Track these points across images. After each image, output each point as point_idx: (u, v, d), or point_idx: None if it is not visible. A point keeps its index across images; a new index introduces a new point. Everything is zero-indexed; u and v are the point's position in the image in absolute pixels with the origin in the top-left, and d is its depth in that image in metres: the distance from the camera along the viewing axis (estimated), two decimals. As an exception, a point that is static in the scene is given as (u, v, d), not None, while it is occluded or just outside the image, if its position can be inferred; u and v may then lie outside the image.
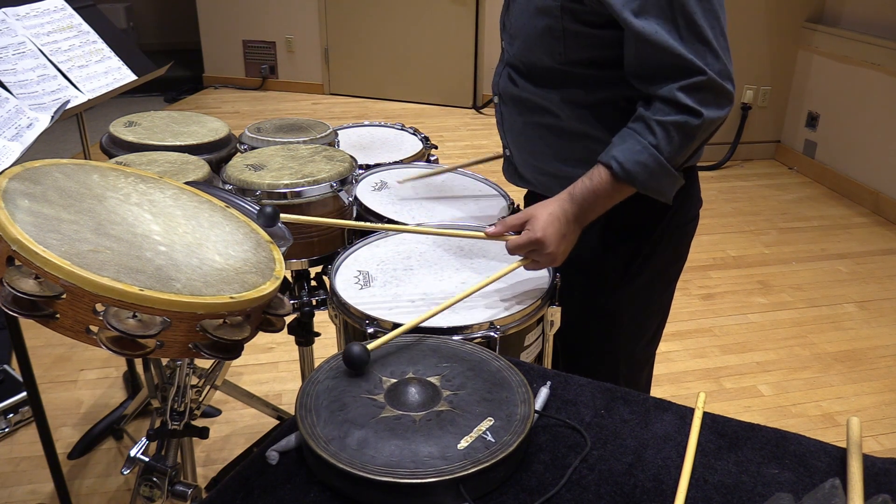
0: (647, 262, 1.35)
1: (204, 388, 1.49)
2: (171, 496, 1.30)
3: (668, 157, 1.14)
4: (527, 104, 1.31)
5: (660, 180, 1.16)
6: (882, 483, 0.83)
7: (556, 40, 1.20)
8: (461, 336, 1.10)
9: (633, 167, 1.14)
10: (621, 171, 1.15)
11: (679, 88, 1.10)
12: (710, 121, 1.13)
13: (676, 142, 1.13)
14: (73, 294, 0.76)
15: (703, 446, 0.89)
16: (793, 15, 4.30)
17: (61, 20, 1.81)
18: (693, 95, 1.10)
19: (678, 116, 1.11)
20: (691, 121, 1.11)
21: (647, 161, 1.14)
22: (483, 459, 0.79)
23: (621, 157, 1.15)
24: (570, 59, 1.21)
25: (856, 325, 2.88)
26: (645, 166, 1.14)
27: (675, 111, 1.12)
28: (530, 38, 1.24)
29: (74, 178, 0.97)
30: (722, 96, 1.13)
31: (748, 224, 3.75)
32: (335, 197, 1.44)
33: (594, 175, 1.17)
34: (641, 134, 1.14)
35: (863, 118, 4.00)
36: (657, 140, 1.13)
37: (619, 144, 1.16)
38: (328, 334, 1.56)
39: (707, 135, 1.17)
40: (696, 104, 1.11)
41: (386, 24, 5.47)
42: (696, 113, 1.11)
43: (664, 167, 1.15)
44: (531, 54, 1.25)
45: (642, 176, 1.15)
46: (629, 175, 1.14)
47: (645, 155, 1.13)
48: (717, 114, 1.12)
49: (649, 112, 1.14)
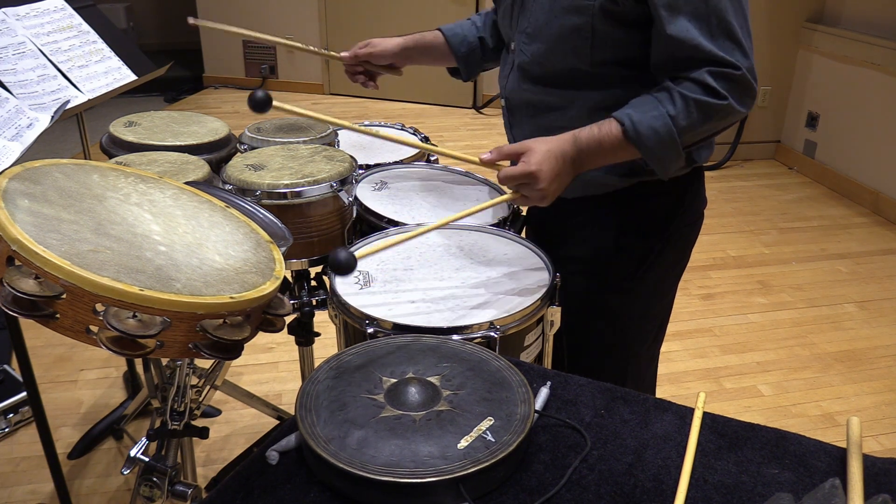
0: (657, 261, 1.35)
1: (204, 388, 1.49)
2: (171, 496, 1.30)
3: (680, 131, 1.13)
4: (538, 106, 1.30)
5: (666, 152, 1.15)
6: (882, 483, 0.83)
7: (584, 41, 1.19)
8: (461, 336, 1.10)
9: (645, 130, 1.13)
10: (633, 131, 1.14)
11: (710, 72, 1.11)
12: (732, 109, 1.13)
13: (695, 118, 1.13)
14: (73, 294, 0.76)
15: (703, 446, 0.89)
16: (793, 15, 4.30)
17: (61, 20, 1.81)
18: (721, 82, 1.11)
19: (703, 95, 1.12)
20: (715, 102, 1.12)
21: (660, 128, 1.13)
22: (483, 459, 0.79)
23: (636, 116, 1.14)
24: (597, 61, 1.21)
25: (856, 325, 2.88)
26: (656, 133, 1.13)
27: (701, 90, 1.12)
28: (554, 39, 1.22)
29: (74, 178, 0.97)
30: (748, 91, 1.13)
31: (748, 224, 3.75)
32: (335, 197, 1.44)
33: (603, 126, 1.16)
34: (662, 101, 1.13)
35: (863, 118, 4.00)
36: (676, 111, 1.12)
37: (639, 105, 1.15)
38: (328, 334, 1.56)
39: (723, 125, 1.17)
40: (724, 90, 1.11)
41: (386, 24, 5.47)
42: (722, 96, 1.11)
43: (674, 140, 1.14)
44: (553, 55, 1.24)
45: (651, 141, 1.14)
46: (639, 137, 1.14)
47: (660, 122, 1.13)
48: (739, 107, 1.13)
49: (676, 85, 1.14)
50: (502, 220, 1.49)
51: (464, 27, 1.61)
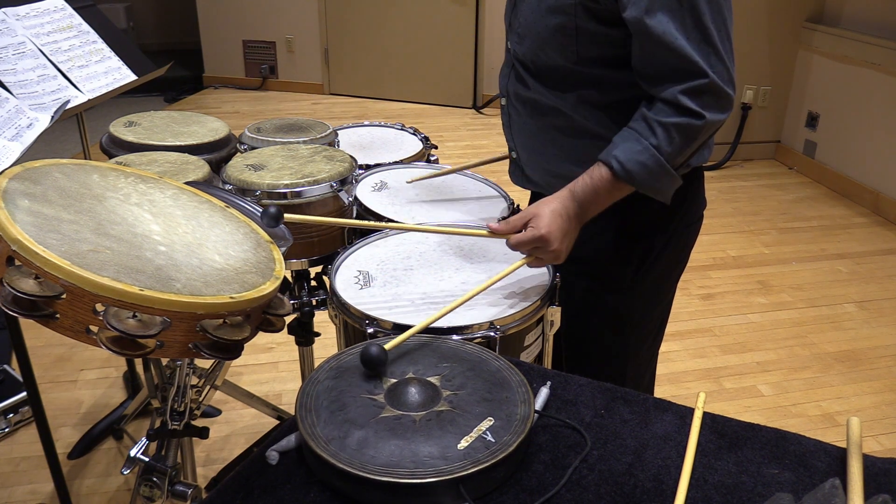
0: (657, 262, 1.36)
1: (204, 388, 1.49)
2: (171, 496, 1.30)
3: (668, 157, 1.15)
4: (537, 106, 1.31)
5: (659, 180, 1.17)
6: (882, 483, 0.83)
7: (568, 39, 1.20)
8: (461, 336, 1.10)
9: (633, 167, 1.15)
10: (622, 171, 1.15)
11: (681, 91, 1.11)
12: (712, 123, 1.14)
13: (677, 143, 1.14)
14: (73, 294, 0.76)
15: (703, 446, 0.89)
16: (793, 15, 4.30)
17: (61, 20, 1.81)
18: (695, 99, 1.11)
19: (680, 118, 1.12)
20: (693, 122, 1.12)
21: (647, 161, 1.14)
22: (483, 459, 0.79)
23: (622, 156, 1.15)
24: (583, 58, 1.21)
25: (856, 325, 2.88)
26: (645, 166, 1.15)
27: (676, 113, 1.12)
28: (541, 38, 1.23)
29: (74, 178, 0.97)
30: (723, 100, 1.13)
31: (748, 224, 3.75)
32: (335, 197, 1.44)
33: (594, 173, 1.18)
34: (643, 134, 1.15)
35: (863, 118, 4.00)
36: (658, 141, 1.14)
37: (621, 144, 1.17)
38: (328, 334, 1.56)
39: (707, 137, 1.18)
40: (698, 107, 1.11)
41: (386, 24, 5.47)
42: (699, 115, 1.12)
43: (664, 167, 1.15)
44: (542, 54, 1.25)
45: (642, 176, 1.15)
46: (629, 174, 1.15)
47: (646, 155, 1.14)
48: (718, 116, 1.13)
49: (651, 112, 1.15)
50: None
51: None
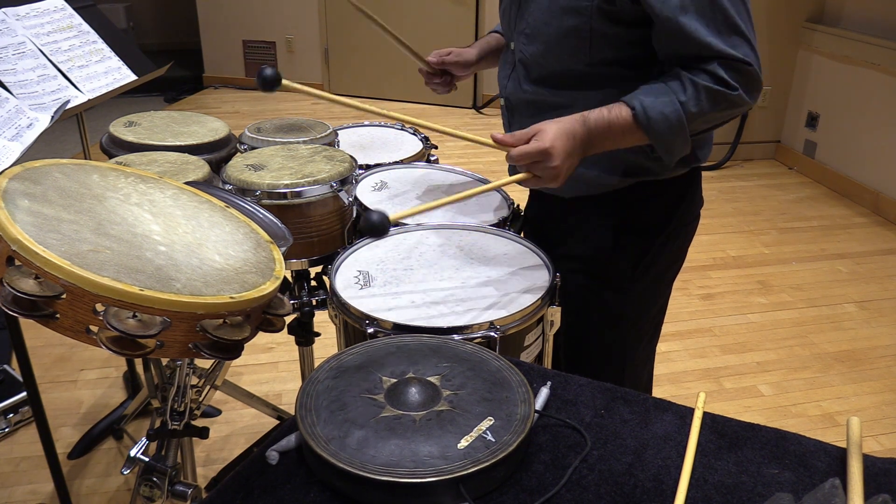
0: (655, 261, 1.36)
1: (204, 388, 1.49)
2: (171, 496, 1.30)
3: (689, 118, 1.14)
4: (539, 106, 1.31)
5: (674, 138, 1.16)
6: (882, 483, 0.83)
7: (582, 41, 1.19)
8: (461, 336, 1.10)
9: (655, 115, 1.14)
10: (643, 116, 1.14)
11: (721, 65, 1.12)
12: (741, 100, 1.14)
13: (704, 106, 1.13)
14: (73, 294, 0.76)
15: (703, 446, 0.89)
16: (793, 15, 4.30)
17: (61, 20, 1.81)
18: (732, 74, 1.12)
19: (715, 85, 1.12)
20: (726, 92, 1.12)
21: (670, 114, 1.13)
22: (483, 459, 0.79)
23: (647, 101, 1.14)
24: (595, 60, 1.21)
25: (856, 325, 2.88)
26: (667, 119, 1.14)
27: (712, 80, 1.12)
28: (553, 39, 1.22)
29: (74, 178, 0.97)
30: (756, 84, 1.14)
31: (748, 224, 3.75)
32: (335, 197, 1.44)
33: (613, 109, 1.16)
34: (673, 88, 1.14)
35: (863, 118, 4.00)
36: (686, 98, 1.13)
37: (648, 91, 1.15)
38: (328, 334, 1.56)
39: (730, 115, 1.18)
40: (734, 81, 1.12)
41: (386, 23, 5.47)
42: (733, 87, 1.12)
43: (683, 126, 1.14)
44: (551, 55, 1.24)
45: (661, 126, 1.14)
46: (649, 122, 1.14)
47: (670, 108, 1.13)
48: (747, 97, 1.14)
49: (687, 72, 1.14)
50: (502, 219, 1.49)
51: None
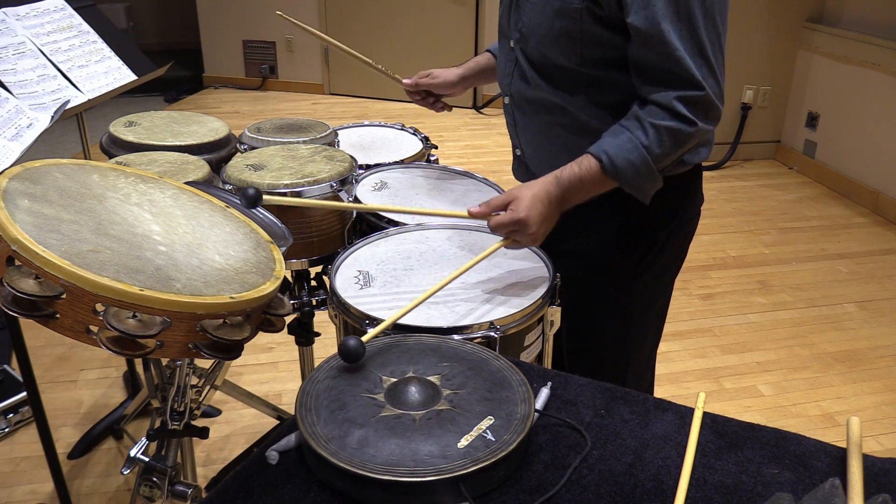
0: (658, 257, 1.38)
1: (204, 388, 1.49)
2: (171, 496, 1.30)
3: (655, 159, 1.17)
4: (542, 104, 1.32)
5: (644, 180, 1.19)
6: (882, 483, 0.83)
7: (573, 42, 1.21)
8: (461, 336, 1.10)
9: (621, 163, 1.17)
10: (610, 166, 1.17)
11: (676, 98, 1.14)
12: (702, 131, 1.17)
13: (667, 146, 1.16)
14: (73, 294, 0.76)
15: (703, 446, 0.89)
16: (793, 15, 4.30)
17: (61, 20, 1.81)
18: (689, 107, 1.14)
19: (672, 122, 1.14)
20: (685, 128, 1.15)
21: (635, 160, 1.16)
22: (483, 458, 0.79)
23: (612, 151, 1.17)
24: (587, 60, 1.22)
25: (856, 325, 2.88)
26: (633, 164, 1.17)
27: (669, 117, 1.15)
28: (546, 39, 1.24)
29: (74, 178, 0.97)
30: (713, 111, 1.17)
31: (748, 224, 3.75)
32: (335, 197, 1.44)
33: (583, 164, 1.19)
34: (634, 133, 1.16)
35: (863, 118, 4.00)
36: (649, 141, 1.15)
37: (611, 139, 1.18)
38: (328, 334, 1.57)
39: (693, 144, 1.21)
40: (691, 114, 1.14)
41: (386, 24, 5.47)
42: (691, 122, 1.15)
43: (650, 168, 1.17)
44: (547, 54, 1.25)
45: (629, 173, 1.17)
46: (617, 171, 1.17)
47: (635, 154, 1.16)
48: (707, 126, 1.17)
49: (644, 113, 1.16)
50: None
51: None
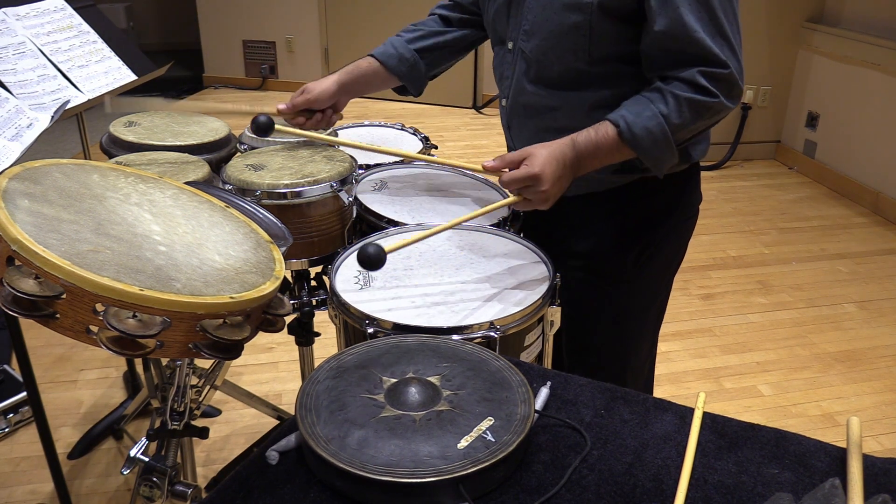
0: (656, 255, 1.37)
1: (204, 388, 1.49)
2: (171, 496, 1.30)
3: (673, 129, 1.15)
4: (539, 107, 1.31)
5: (661, 151, 1.18)
6: (882, 483, 0.83)
7: (582, 38, 1.20)
8: (461, 336, 1.10)
9: (639, 131, 1.15)
10: (627, 133, 1.16)
11: (700, 72, 1.13)
12: (722, 106, 1.15)
13: (686, 117, 1.15)
14: (73, 294, 0.76)
15: (703, 446, 0.89)
16: (793, 15, 4.30)
17: (61, 20, 1.81)
18: (712, 81, 1.13)
19: (694, 95, 1.14)
20: (706, 100, 1.14)
21: (654, 128, 1.15)
22: (483, 459, 0.79)
23: (630, 118, 1.16)
24: (595, 57, 1.22)
25: (856, 325, 2.88)
26: (651, 133, 1.15)
27: (691, 90, 1.14)
28: (553, 36, 1.23)
29: (74, 178, 0.97)
30: (735, 90, 1.16)
31: (748, 224, 3.75)
32: (335, 197, 1.44)
33: (599, 129, 1.18)
34: (654, 102, 1.16)
35: (863, 118, 4.00)
36: (668, 110, 1.14)
37: (631, 107, 1.17)
38: (328, 334, 1.56)
39: (713, 121, 1.20)
40: (713, 87, 1.13)
41: (386, 24, 5.47)
42: (713, 94, 1.14)
43: (668, 139, 1.16)
44: (551, 52, 1.25)
45: (646, 142, 1.16)
46: (634, 138, 1.16)
47: (654, 122, 1.15)
48: (728, 103, 1.16)
49: (666, 85, 1.16)
50: (502, 219, 1.49)
51: (395, 45, 1.57)
